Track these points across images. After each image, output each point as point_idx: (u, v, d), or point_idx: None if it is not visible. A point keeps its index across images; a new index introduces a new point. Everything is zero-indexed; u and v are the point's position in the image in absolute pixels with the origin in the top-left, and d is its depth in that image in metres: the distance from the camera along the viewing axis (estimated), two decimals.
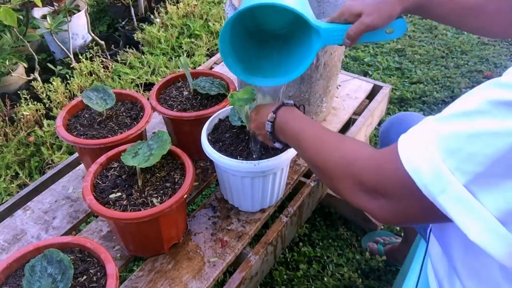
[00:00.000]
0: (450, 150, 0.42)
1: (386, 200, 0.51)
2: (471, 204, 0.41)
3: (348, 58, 2.50)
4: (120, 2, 2.74)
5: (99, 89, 1.08)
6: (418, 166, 0.45)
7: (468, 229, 0.41)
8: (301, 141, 0.68)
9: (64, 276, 0.69)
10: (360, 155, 0.56)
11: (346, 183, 0.56)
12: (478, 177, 0.40)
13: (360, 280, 1.34)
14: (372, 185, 0.52)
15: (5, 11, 1.51)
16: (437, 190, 0.42)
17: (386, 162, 0.50)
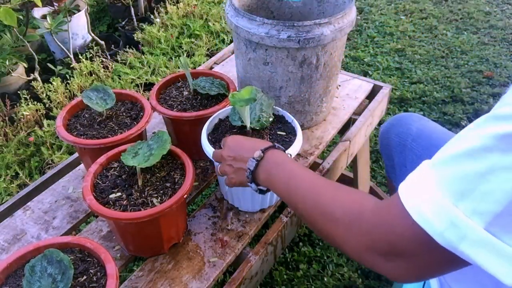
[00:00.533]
0: (461, 193, 0.40)
1: (404, 260, 0.47)
2: (496, 247, 0.39)
3: (348, 58, 2.50)
4: (120, 2, 2.74)
5: (99, 89, 1.08)
6: (429, 216, 0.42)
7: (500, 274, 0.39)
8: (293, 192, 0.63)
9: (64, 276, 0.69)
10: (364, 211, 0.52)
11: (352, 243, 0.52)
12: (498, 217, 0.38)
13: (360, 280, 1.34)
14: (384, 247, 0.48)
15: (5, 11, 1.51)
16: (456, 238, 0.40)
17: (395, 218, 0.47)
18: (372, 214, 0.50)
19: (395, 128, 1.14)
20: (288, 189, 0.64)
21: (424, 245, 0.44)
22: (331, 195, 0.57)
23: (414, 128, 1.08)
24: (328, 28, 0.99)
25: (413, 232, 0.44)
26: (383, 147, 1.22)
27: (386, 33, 2.73)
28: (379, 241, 0.48)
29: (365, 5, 3.07)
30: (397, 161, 1.11)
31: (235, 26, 1.04)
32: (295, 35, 0.97)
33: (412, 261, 0.47)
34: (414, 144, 1.05)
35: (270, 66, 1.06)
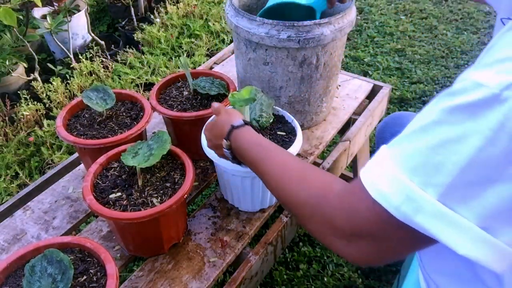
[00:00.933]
0: (414, 167, 0.41)
1: (366, 241, 0.47)
2: (450, 217, 0.39)
3: (348, 58, 2.50)
4: (120, 2, 2.74)
5: (99, 89, 1.08)
6: (385, 191, 0.43)
7: (454, 244, 0.39)
8: (261, 170, 0.64)
9: (64, 276, 0.69)
10: (329, 194, 0.52)
11: (316, 225, 0.53)
12: (450, 188, 0.39)
13: (360, 280, 1.34)
14: (347, 229, 0.49)
15: (5, 11, 1.51)
16: (412, 211, 0.41)
17: (356, 199, 0.48)
18: (336, 197, 0.51)
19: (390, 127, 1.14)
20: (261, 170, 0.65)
21: (385, 224, 0.44)
22: (299, 179, 0.58)
23: None
24: (328, 28, 0.99)
25: (374, 212, 0.45)
26: (378, 145, 1.22)
27: (386, 33, 2.73)
28: (341, 223, 0.49)
29: (365, 5, 3.07)
30: None
31: (235, 26, 1.04)
32: (295, 35, 0.97)
33: (374, 241, 0.47)
34: None
35: (270, 66, 1.06)
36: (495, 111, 0.36)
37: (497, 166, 0.37)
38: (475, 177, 0.38)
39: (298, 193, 0.56)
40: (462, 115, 0.39)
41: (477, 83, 0.39)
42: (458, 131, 0.39)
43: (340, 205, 0.50)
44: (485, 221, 0.39)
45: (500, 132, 0.36)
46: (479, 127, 0.37)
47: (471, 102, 0.38)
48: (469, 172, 0.38)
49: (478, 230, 0.39)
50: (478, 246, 0.39)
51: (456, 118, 0.39)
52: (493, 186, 0.37)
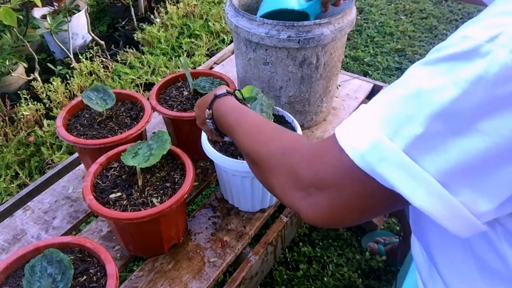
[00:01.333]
0: (386, 118, 0.41)
1: (326, 194, 0.46)
2: (412, 169, 0.39)
3: (348, 58, 2.50)
4: (120, 2, 2.74)
5: (99, 89, 1.08)
6: (353, 140, 0.42)
7: (411, 195, 0.39)
8: (237, 132, 0.64)
9: (64, 276, 0.69)
10: (299, 146, 0.52)
11: (280, 176, 0.51)
12: (418, 139, 0.38)
13: (360, 280, 1.34)
14: (308, 179, 0.47)
15: (5, 11, 1.51)
16: (376, 160, 0.40)
17: (326, 148, 0.46)
18: (307, 149, 0.50)
19: None
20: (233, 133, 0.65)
21: (348, 173, 0.43)
22: (271, 134, 0.58)
23: None
24: (328, 28, 0.99)
25: (339, 159, 0.44)
26: None
27: (386, 33, 2.73)
28: (304, 172, 0.47)
29: (365, 5, 3.07)
30: None
31: (235, 26, 1.04)
32: (295, 35, 0.97)
33: (334, 195, 0.45)
34: None
35: (270, 66, 1.06)
36: (475, 63, 0.36)
37: (466, 119, 0.36)
38: (443, 129, 0.37)
39: (268, 146, 0.55)
40: (443, 67, 0.38)
41: (463, 37, 0.38)
42: (435, 82, 0.38)
43: (307, 153, 0.49)
44: (446, 176, 0.38)
45: (477, 86, 0.35)
46: (457, 79, 0.37)
47: (452, 54, 0.38)
48: (438, 122, 0.37)
49: (437, 184, 0.38)
50: (434, 200, 0.39)
51: (436, 70, 0.39)
52: (458, 140, 0.37)
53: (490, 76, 0.35)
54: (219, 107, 0.71)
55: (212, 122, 0.72)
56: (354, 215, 0.46)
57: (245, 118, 0.65)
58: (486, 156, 0.36)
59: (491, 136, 0.36)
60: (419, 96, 0.39)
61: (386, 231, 1.49)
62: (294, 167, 0.49)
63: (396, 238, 1.44)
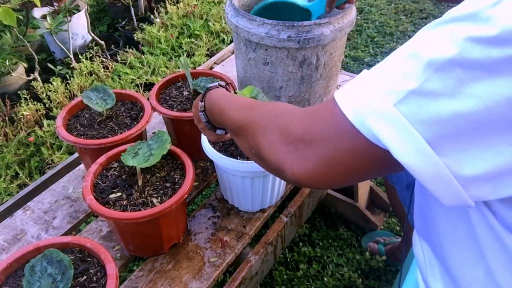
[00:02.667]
0: (384, 75, 0.41)
1: (311, 147, 0.45)
2: (401, 123, 0.38)
3: (348, 58, 2.50)
4: (120, 2, 2.74)
5: (99, 89, 1.08)
6: (348, 95, 0.43)
7: (397, 150, 0.39)
8: (227, 111, 0.64)
9: (64, 276, 0.69)
10: (294, 109, 0.51)
11: (269, 133, 0.50)
12: (410, 94, 0.38)
13: (360, 280, 1.34)
14: (298, 132, 0.46)
15: (4, 11, 1.51)
16: (366, 113, 0.40)
17: (322, 107, 0.46)
18: (301, 109, 0.49)
19: None
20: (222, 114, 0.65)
21: (338, 127, 0.43)
22: (263, 103, 0.58)
23: None
24: (328, 28, 0.99)
25: (331, 114, 0.43)
26: None
27: (386, 33, 2.73)
28: (296, 126, 0.47)
29: (365, 5, 3.07)
30: None
31: (235, 26, 1.04)
32: (295, 35, 0.97)
33: (320, 148, 0.44)
34: None
35: (270, 66, 1.06)
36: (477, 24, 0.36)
37: (461, 80, 0.36)
38: (436, 88, 0.37)
39: (260, 111, 0.55)
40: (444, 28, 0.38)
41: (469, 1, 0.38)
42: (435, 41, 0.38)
43: (302, 112, 0.48)
44: (433, 136, 0.38)
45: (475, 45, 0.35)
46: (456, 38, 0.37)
47: (456, 16, 0.38)
48: (433, 81, 0.37)
49: (424, 142, 0.38)
50: (419, 157, 0.38)
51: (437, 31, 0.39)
52: (451, 101, 0.37)
53: (489, 38, 0.35)
54: (210, 97, 0.71)
55: (204, 114, 0.72)
56: (339, 173, 0.45)
57: (235, 99, 0.66)
58: (476, 120, 0.36)
59: (484, 101, 0.35)
60: (417, 54, 0.39)
61: (386, 231, 1.49)
62: (287, 123, 0.48)
63: (396, 238, 1.44)
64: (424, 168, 0.39)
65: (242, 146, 0.60)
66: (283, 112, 0.51)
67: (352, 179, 0.47)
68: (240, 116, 0.59)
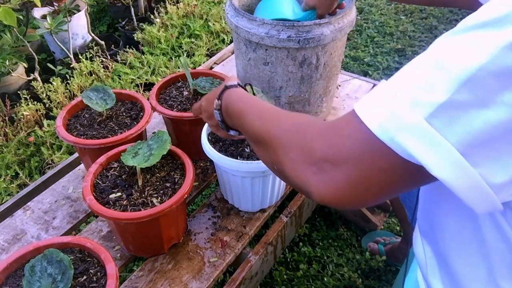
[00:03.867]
0: (408, 86, 0.39)
1: (339, 169, 0.43)
2: (433, 138, 0.37)
3: (348, 58, 2.50)
4: (120, 2, 2.74)
5: (99, 89, 1.08)
6: (372, 109, 0.40)
7: (431, 165, 0.37)
8: (246, 115, 0.61)
9: (64, 276, 0.69)
10: (314, 123, 0.49)
11: (292, 152, 0.48)
12: (440, 108, 0.37)
13: (360, 280, 1.34)
14: (323, 153, 0.44)
15: (4, 11, 1.51)
16: (395, 127, 0.38)
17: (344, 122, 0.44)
18: (322, 124, 0.47)
19: None
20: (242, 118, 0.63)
21: (366, 145, 0.41)
22: (285, 114, 0.56)
23: None
24: (328, 28, 0.99)
25: (357, 131, 0.41)
26: None
27: (386, 33, 2.73)
28: (320, 146, 0.44)
29: (365, 5, 3.07)
30: None
31: (235, 26, 1.04)
32: (295, 35, 0.97)
33: (350, 169, 0.42)
34: None
35: (270, 66, 1.06)
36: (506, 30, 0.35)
37: (492, 90, 0.35)
38: (467, 99, 0.36)
39: (281, 124, 0.53)
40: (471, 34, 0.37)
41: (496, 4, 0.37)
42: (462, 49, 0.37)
43: (323, 128, 0.46)
44: (466, 147, 0.37)
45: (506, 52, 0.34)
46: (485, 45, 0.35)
47: (483, 21, 0.37)
48: (463, 92, 0.36)
49: (458, 154, 0.37)
50: (454, 170, 0.37)
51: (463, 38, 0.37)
52: (483, 111, 0.36)
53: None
54: (230, 95, 0.68)
55: (220, 113, 0.69)
56: (372, 192, 0.43)
57: (255, 103, 0.63)
58: (508, 128, 0.35)
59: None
60: (444, 64, 0.37)
61: (386, 231, 1.49)
62: (309, 141, 0.46)
63: (396, 238, 1.44)
64: (460, 180, 0.38)
65: (262, 158, 0.59)
66: (304, 128, 0.48)
67: (385, 197, 0.45)
68: (261, 127, 0.57)
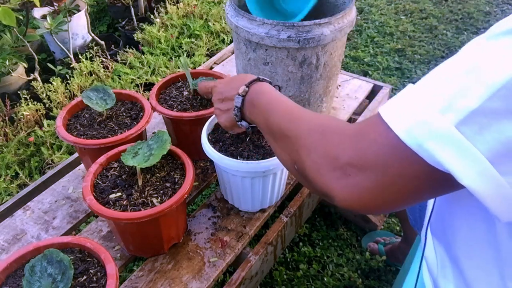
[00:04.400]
0: (439, 90, 0.38)
1: (364, 174, 0.42)
2: (463, 145, 0.36)
3: (348, 58, 2.50)
4: (120, 2, 2.74)
5: (99, 89, 1.08)
6: (399, 114, 0.39)
7: (460, 173, 0.37)
8: (273, 109, 0.60)
9: (64, 276, 0.69)
10: (341, 125, 0.48)
11: (315, 154, 0.47)
12: (471, 115, 0.36)
13: (360, 280, 1.34)
14: (348, 158, 0.43)
15: (4, 11, 1.51)
16: (423, 134, 0.37)
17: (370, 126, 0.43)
18: (348, 128, 0.46)
19: None
20: (268, 114, 0.61)
21: (393, 150, 0.40)
22: (312, 114, 0.55)
23: None
24: (328, 28, 0.99)
25: (384, 137, 0.40)
26: None
27: (386, 33, 2.73)
28: (344, 149, 0.44)
29: (365, 5, 3.07)
30: None
31: (235, 26, 1.04)
32: (295, 35, 0.97)
33: (375, 175, 0.41)
34: None
35: (270, 66, 1.06)
36: None
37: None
38: (500, 107, 0.35)
39: (307, 123, 0.52)
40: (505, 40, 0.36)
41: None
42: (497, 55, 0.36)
43: (349, 132, 0.45)
44: (496, 156, 0.36)
45: None
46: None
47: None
48: (497, 99, 0.35)
49: (488, 164, 0.36)
50: (483, 180, 0.37)
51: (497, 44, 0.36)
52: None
53: None
54: (261, 86, 0.67)
55: (242, 100, 0.67)
56: (397, 198, 0.42)
57: (285, 100, 0.62)
58: None
59: None
60: (477, 70, 0.36)
61: (386, 231, 1.49)
62: (334, 145, 0.45)
63: (396, 238, 1.44)
64: (488, 189, 0.37)
65: (280, 156, 0.58)
66: (330, 130, 0.48)
67: (410, 203, 0.44)
68: (286, 124, 0.56)
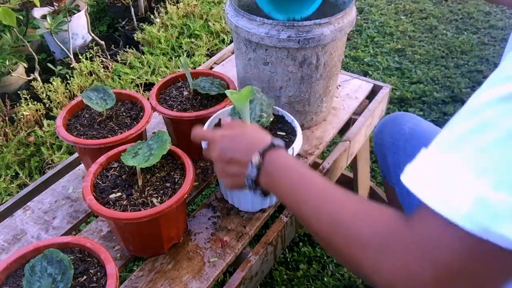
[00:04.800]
0: (482, 166, 0.35)
1: (461, 282, 0.38)
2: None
3: (348, 58, 2.50)
4: (120, 2, 2.74)
5: (99, 89, 1.08)
6: (447, 197, 0.36)
7: None
8: (303, 193, 0.55)
9: (64, 276, 0.69)
10: (394, 228, 0.43)
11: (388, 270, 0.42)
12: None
13: (360, 280, 1.34)
14: (429, 267, 0.38)
15: (4, 11, 1.51)
16: (488, 218, 0.34)
17: (431, 228, 0.38)
18: (406, 230, 0.42)
19: (388, 128, 1.13)
20: (297, 200, 0.56)
21: (469, 249, 0.36)
22: (351, 211, 0.49)
23: (407, 128, 1.07)
24: (328, 28, 0.99)
25: (449, 236, 0.36)
26: (377, 146, 1.22)
27: (386, 33, 2.73)
28: (420, 261, 0.39)
29: (365, 5, 3.07)
30: (391, 161, 1.11)
31: (235, 26, 1.04)
32: (295, 35, 0.97)
33: (466, 282, 0.37)
34: (406, 144, 1.05)
35: (270, 66, 1.06)
36: None
37: None
38: None
39: (358, 232, 0.46)
40: None
41: None
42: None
43: (414, 238, 0.40)
44: None
45: None
46: None
47: None
48: None
49: None
50: None
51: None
52: None
53: None
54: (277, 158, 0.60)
55: (257, 170, 0.62)
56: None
57: (310, 183, 0.55)
58: None
59: None
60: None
61: None
62: (404, 257, 0.40)
63: None
64: None
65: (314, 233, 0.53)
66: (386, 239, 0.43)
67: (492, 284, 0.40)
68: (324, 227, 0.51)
